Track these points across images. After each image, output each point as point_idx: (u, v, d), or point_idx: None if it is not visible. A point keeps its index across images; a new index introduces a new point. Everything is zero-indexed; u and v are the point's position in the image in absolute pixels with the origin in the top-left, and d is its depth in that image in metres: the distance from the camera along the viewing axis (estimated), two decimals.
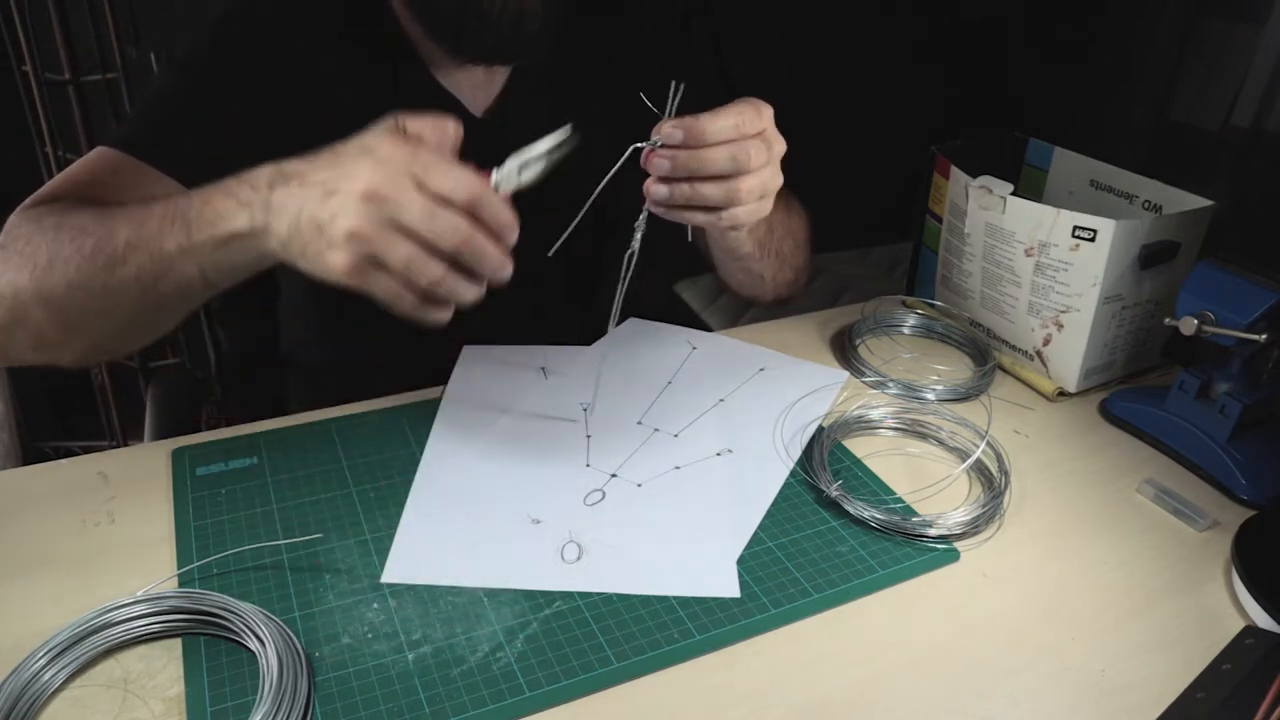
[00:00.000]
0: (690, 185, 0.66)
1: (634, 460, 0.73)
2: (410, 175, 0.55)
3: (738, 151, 0.65)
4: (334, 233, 0.55)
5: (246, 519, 0.65)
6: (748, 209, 0.68)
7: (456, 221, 0.56)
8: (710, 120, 0.65)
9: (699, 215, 0.67)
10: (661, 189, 0.66)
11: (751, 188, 0.66)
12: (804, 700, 0.54)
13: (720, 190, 0.66)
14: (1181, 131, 1.56)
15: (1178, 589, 0.64)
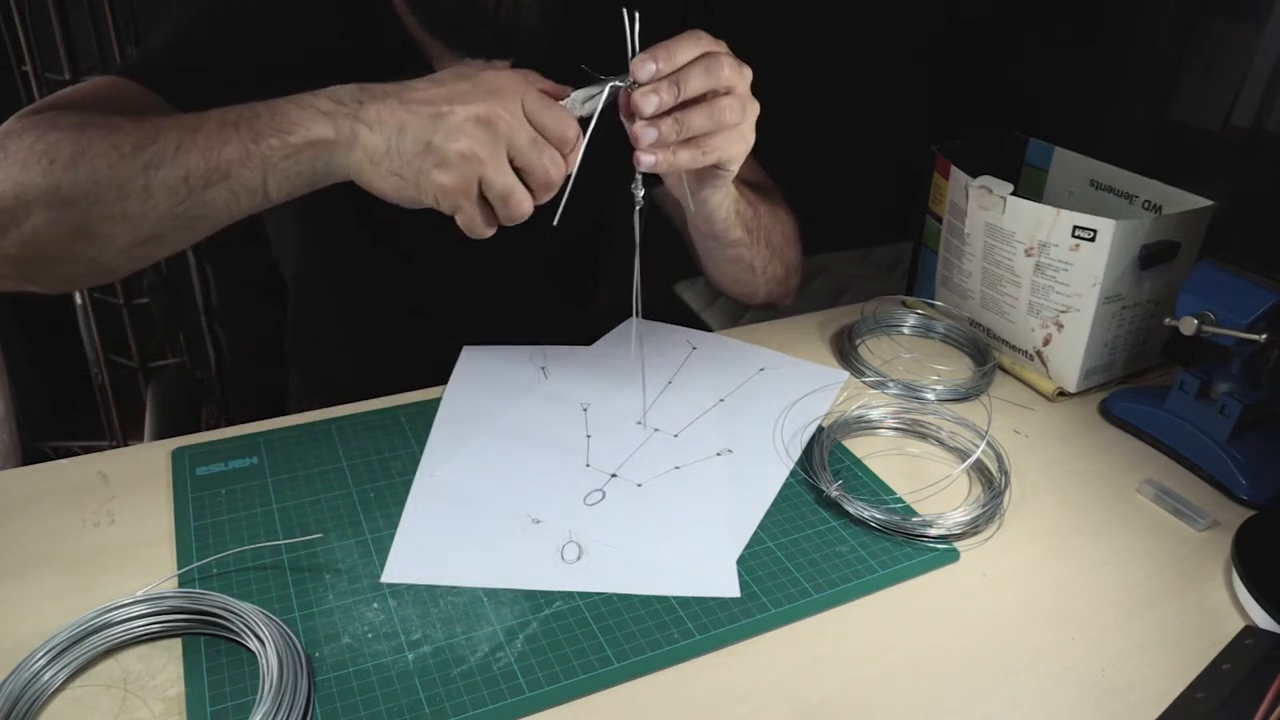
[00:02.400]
0: (674, 118, 0.64)
1: (634, 460, 0.73)
2: (521, 105, 0.57)
3: (710, 64, 0.64)
4: (447, 152, 0.56)
5: (246, 519, 0.65)
6: (729, 136, 0.66)
7: (555, 156, 0.58)
8: (675, 43, 0.63)
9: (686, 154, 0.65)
10: (650, 131, 0.63)
11: (731, 105, 0.65)
12: (804, 700, 0.54)
13: (703, 114, 0.64)
14: (1181, 131, 1.56)
15: (1178, 589, 0.64)
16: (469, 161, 0.56)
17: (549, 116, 0.58)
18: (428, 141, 0.57)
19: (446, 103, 0.57)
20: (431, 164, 0.57)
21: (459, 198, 0.58)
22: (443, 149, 0.56)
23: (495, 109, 0.56)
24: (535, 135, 0.58)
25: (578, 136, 0.59)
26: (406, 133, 0.57)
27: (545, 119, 0.58)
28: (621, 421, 0.77)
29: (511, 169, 0.58)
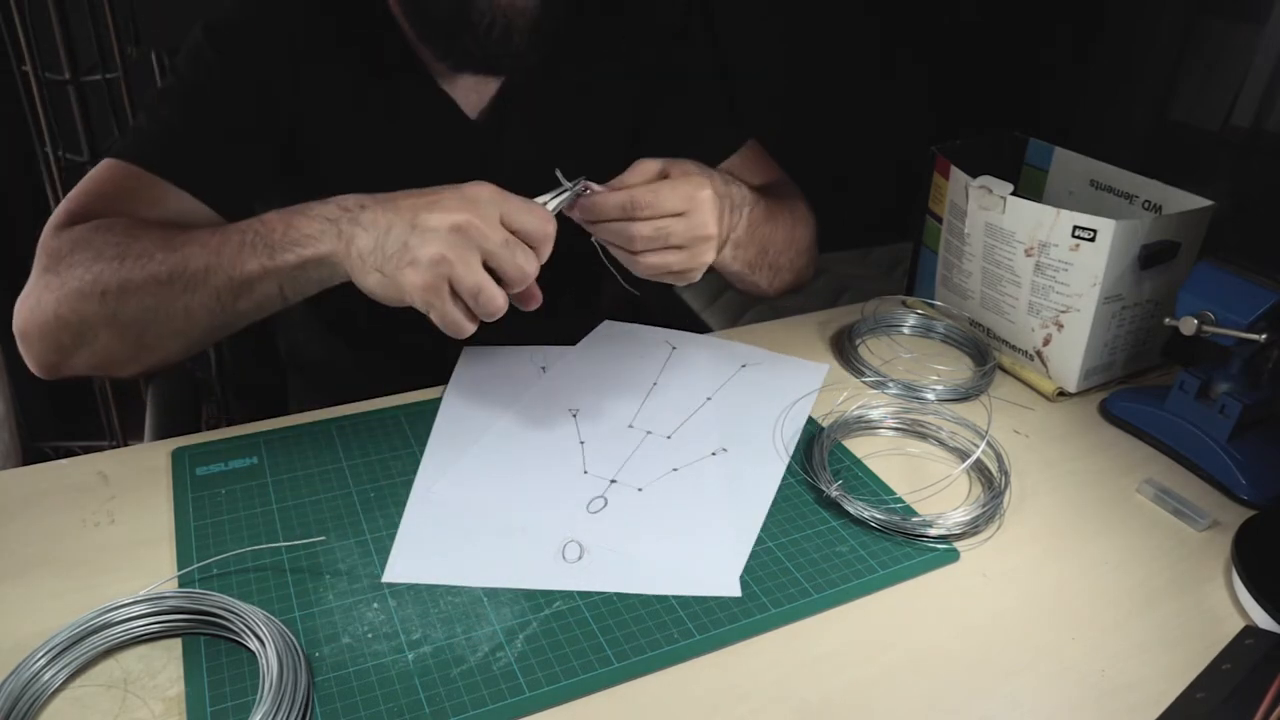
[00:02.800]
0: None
1: (631, 464, 0.72)
2: (499, 210, 0.61)
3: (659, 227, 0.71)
4: (419, 253, 0.60)
5: (246, 519, 0.65)
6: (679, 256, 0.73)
7: (528, 255, 0.62)
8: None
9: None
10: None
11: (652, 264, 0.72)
12: (804, 700, 0.54)
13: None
14: (1181, 131, 1.56)
15: (1178, 589, 0.64)
16: (438, 264, 0.60)
17: (528, 217, 0.62)
18: (405, 242, 0.61)
19: (427, 209, 0.61)
20: (406, 262, 0.61)
21: (431, 295, 0.61)
22: (415, 250, 0.60)
23: (469, 216, 0.60)
24: (508, 237, 0.61)
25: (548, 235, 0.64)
26: (390, 233, 0.61)
27: (524, 220, 0.62)
28: (613, 426, 0.77)
29: (484, 269, 0.61)
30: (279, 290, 0.66)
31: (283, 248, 0.64)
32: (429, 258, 0.60)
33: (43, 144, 1.44)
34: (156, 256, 0.66)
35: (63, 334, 0.68)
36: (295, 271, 0.64)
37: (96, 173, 0.75)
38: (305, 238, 0.64)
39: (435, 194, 0.62)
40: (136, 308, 0.66)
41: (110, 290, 0.66)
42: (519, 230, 0.62)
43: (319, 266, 0.64)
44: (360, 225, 0.63)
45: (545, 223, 0.63)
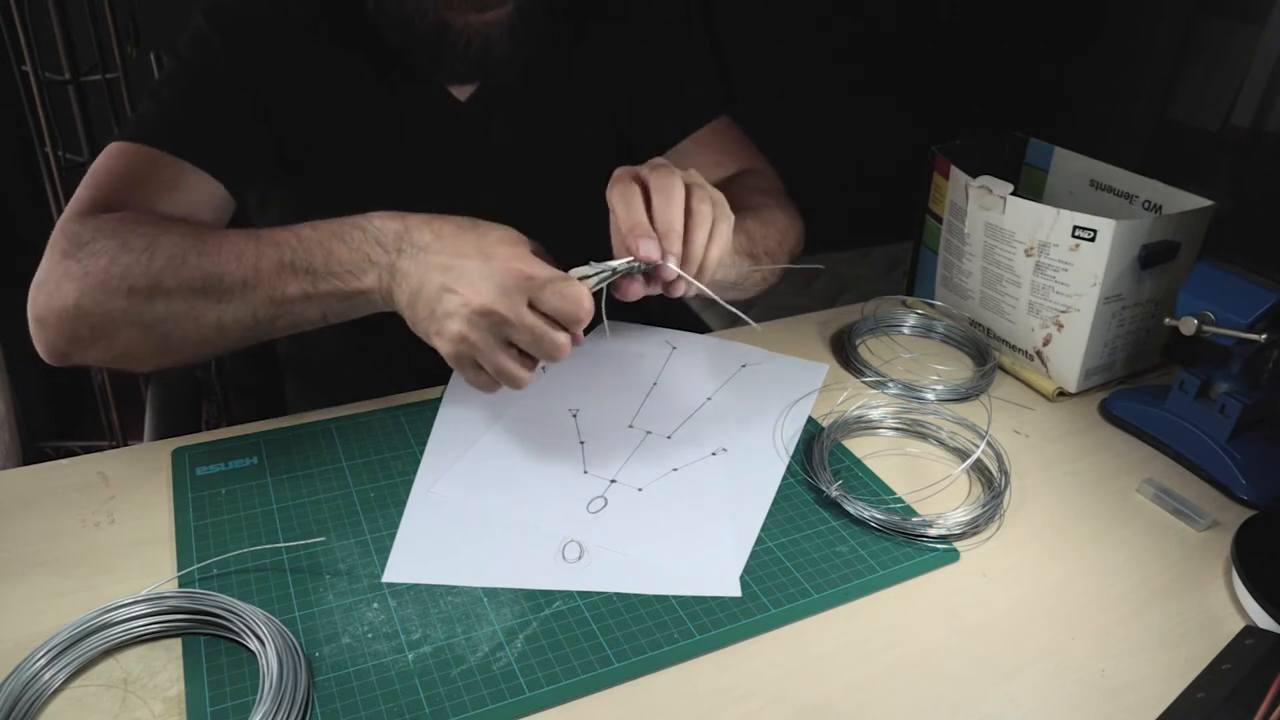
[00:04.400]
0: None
1: (631, 464, 0.72)
2: (526, 295, 0.60)
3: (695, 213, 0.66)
4: (446, 327, 0.61)
5: (246, 519, 0.65)
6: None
7: (557, 341, 0.61)
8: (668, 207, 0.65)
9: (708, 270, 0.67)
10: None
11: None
12: (804, 700, 0.54)
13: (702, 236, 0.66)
14: (1181, 131, 1.56)
15: (1178, 589, 0.64)
16: (461, 342, 0.61)
17: (559, 301, 0.60)
18: (432, 310, 0.62)
19: (455, 280, 0.61)
20: (434, 331, 0.62)
21: (456, 364, 0.63)
22: (442, 322, 0.61)
23: (496, 307, 0.59)
24: (534, 326, 0.60)
25: (586, 315, 0.61)
26: (420, 296, 0.62)
27: (555, 304, 0.60)
28: (613, 426, 0.77)
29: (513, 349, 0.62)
30: (321, 315, 0.66)
31: (325, 276, 0.64)
32: (453, 334, 0.61)
33: (43, 144, 1.44)
34: (190, 260, 0.64)
35: (81, 325, 0.65)
36: (340, 301, 0.65)
37: (108, 157, 0.74)
38: (347, 272, 0.64)
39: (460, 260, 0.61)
40: (165, 311, 0.64)
41: (139, 289, 0.64)
42: (550, 313, 0.61)
43: (365, 301, 0.65)
44: (395, 279, 0.64)
45: (578, 305, 0.60)
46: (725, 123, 0.96)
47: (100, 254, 0.65)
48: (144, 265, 0.64)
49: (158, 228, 0.67)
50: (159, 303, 0.64)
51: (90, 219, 0.68)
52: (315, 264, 0.64)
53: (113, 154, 0.74)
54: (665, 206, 0.64)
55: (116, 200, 0.71)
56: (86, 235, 0.66)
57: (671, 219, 0.64)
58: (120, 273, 0.64)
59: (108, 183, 0.72)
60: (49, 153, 1.44)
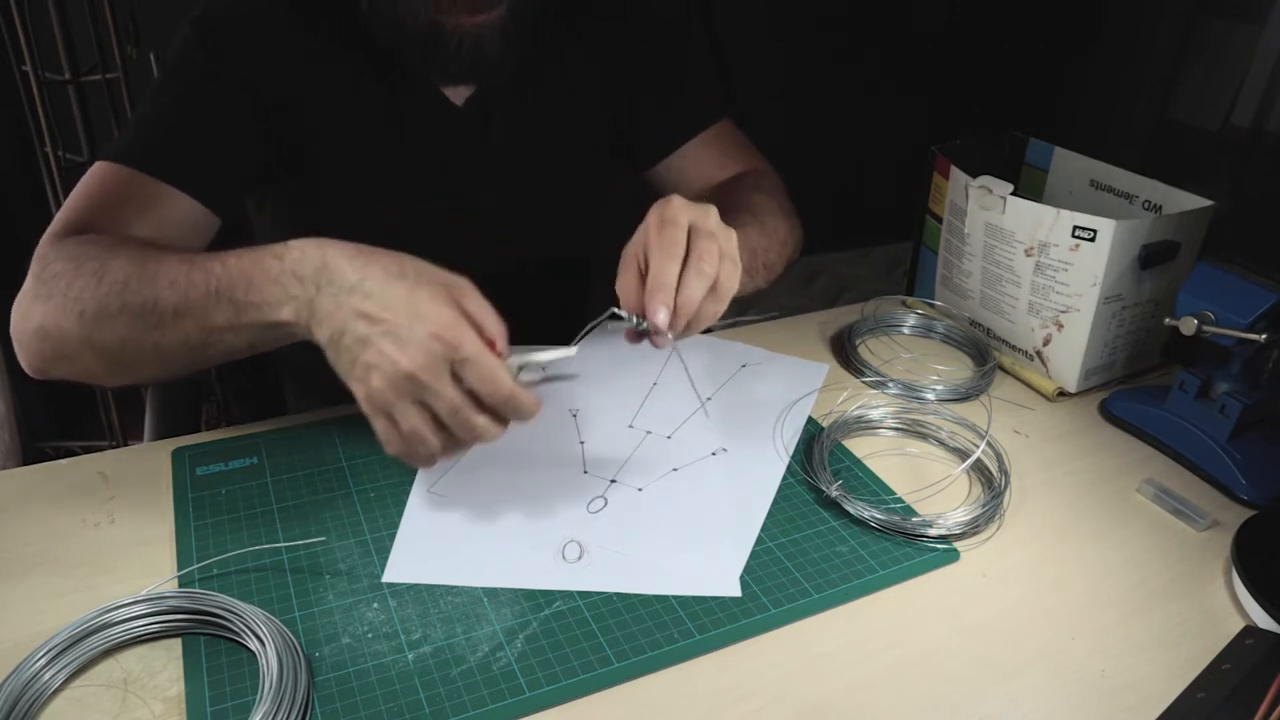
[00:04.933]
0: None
1: (631, 464, 0.72)
2: (449, 364, 0.57)
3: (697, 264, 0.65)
4: (369, 378, 0.57)
5: (246, 519, 0.65)
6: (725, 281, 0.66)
7: (473, 422, 0.58)
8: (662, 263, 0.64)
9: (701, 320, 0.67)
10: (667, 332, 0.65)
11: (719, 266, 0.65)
12: (804, 700, 0.54)
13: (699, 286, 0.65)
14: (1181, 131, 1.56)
15: (1178, 589, 0.64)
16: (379, 398, 0.57)
17: (480, 383, 0.57)
18: (354, 358, 0.58)
19: (379, 336, 0.57)
20: (352, 376, 0.59)
21: (371, 413, 0.58)
22: (365, 373, 0.58)
23: (419, 374, 0.56)
24: (453, 405, 0.57)
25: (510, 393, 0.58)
26: (342, 341, 0.59)
27: (476, 384, 0.57)
28: (613, 426, 0.77)
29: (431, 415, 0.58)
30: (248, 344, 0.64)
31: (247, 308, 0.62)
32: (373, 388, 0.57)
33: (43, 144, 1.44)
34: (131, 285, 0.64)
35: (45, 345, 0.67)
36: (263, 331, 0.63)
37: (89, 178, 0.75)
38: (266, 303, 0.61)
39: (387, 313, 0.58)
40: (111, 335, 0.65)
41: (87, 312, 0.65)
42: (472, 390, 0.57)
43: (287, 331, 0.62)
44: (313, 315, 0.60)
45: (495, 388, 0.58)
46: (727, 125, 0.96)
47: (59, 277, 0.66)
48: (92, 289, 0.65)
49: (110, 252, 0.67)
50: (105, 327, 0.64)
51: (60, 242, 0.69)
52: (237, 294, 0.62)
53: (93, 174, 0.75)
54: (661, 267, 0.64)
55: (91, 222, 0.72)
56: (51, 257, 0.68)
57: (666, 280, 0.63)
58: (75, 296, 0.65)
59: (84, 204, 0.73)
60: (49, 153, 1.44)
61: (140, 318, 0.64)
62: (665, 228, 0.65)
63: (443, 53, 0.75)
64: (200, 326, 0.63)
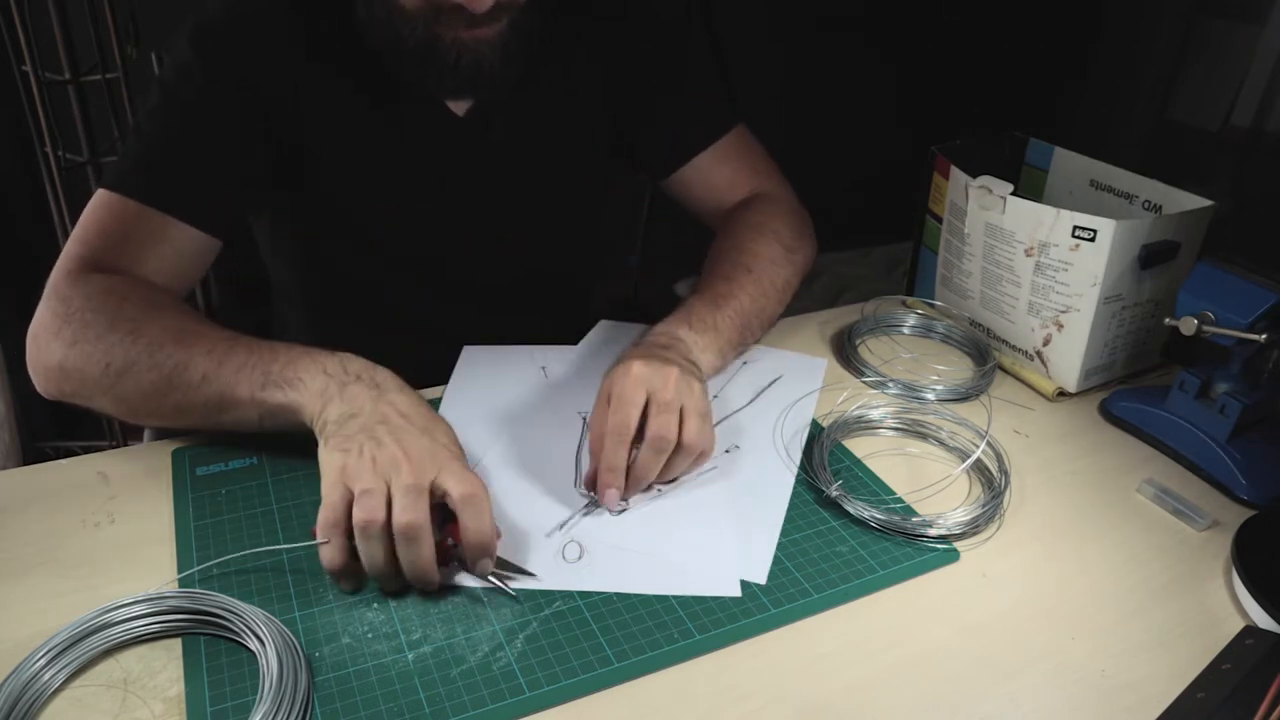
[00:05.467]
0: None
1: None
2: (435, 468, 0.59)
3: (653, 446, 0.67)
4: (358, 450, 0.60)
5: (246, 519, 0.65)
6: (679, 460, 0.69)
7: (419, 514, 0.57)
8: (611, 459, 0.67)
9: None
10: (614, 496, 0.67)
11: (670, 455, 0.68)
12: (804, 700, 0.54)
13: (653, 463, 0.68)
14: (1181, 131, 1.56)
15: (1178, 589, 0.64)
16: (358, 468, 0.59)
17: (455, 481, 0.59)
18: (353, 434, 0.61)
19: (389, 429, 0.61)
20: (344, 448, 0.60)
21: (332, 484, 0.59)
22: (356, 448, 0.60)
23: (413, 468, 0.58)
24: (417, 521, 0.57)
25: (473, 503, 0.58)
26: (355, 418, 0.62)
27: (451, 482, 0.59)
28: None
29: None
30: (257, 419, 0.67)
31: (275, 382, 0.65)
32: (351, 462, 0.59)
33: (43, 144, 1.44)
34: (166, 348, 0.67)
35: (65, 383, 0.71)
36: (275, 409, 0.65)
37: (97, 208, 0.76)
38: (298, 380, 0.65)
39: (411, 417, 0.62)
40: (134, 390, 0.68)
41: (114, 366, 0.67)
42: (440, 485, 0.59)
43: (295, 414, 0.65)
44: (342, 396, 0.64)
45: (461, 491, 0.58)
46: (740, 135, 0.95)
47: (89, 326, 0.69)
48: (125, 345, 0.67)
49: (145, 314, 0.70)
50: (129, 382, 0.67)
51: (81, 282, 0.72)
52: (272, 369, 0.65)
53: (100, 204, 0.76)
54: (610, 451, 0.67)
55: (105, 259, 0.74)
56: (77, 302, 0.70)
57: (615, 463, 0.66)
58: (104, 350, 0.68)
59: (96, 239, 0.75)
60: (49, 153, 1.44)
61: (168, 379, 0.67)
62: (619, 408, 0.67)
63: (439, 67, 0.74)
64: (220, 394, 0.66)
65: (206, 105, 0.77)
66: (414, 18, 0.72)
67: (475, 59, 0.74)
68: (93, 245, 0.75)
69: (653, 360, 0.70)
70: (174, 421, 0.71)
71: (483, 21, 0.72)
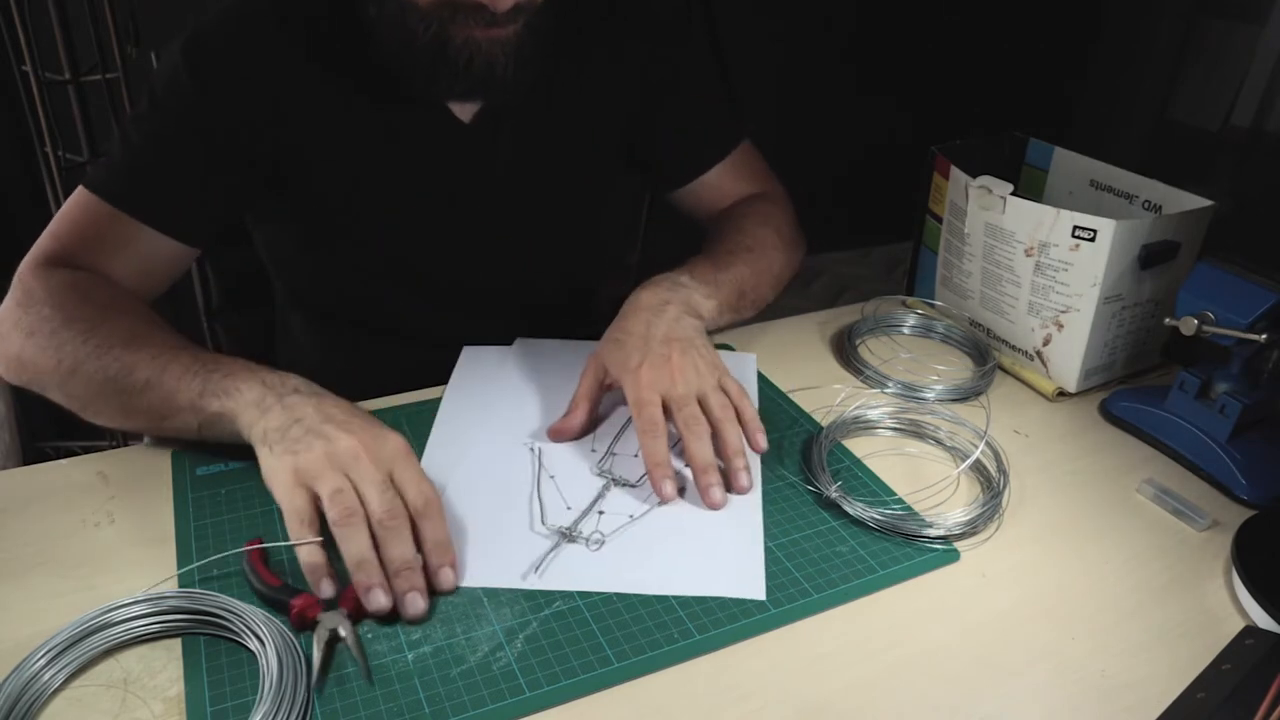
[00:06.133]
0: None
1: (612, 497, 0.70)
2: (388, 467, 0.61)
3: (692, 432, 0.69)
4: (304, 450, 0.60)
5: (246, 519, 0.65)
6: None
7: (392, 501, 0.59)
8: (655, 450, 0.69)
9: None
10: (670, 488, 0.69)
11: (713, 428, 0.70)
12: (804, 700, 0.54)
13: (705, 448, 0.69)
14: (1181, 131, 1.56)
15: (1178, 589, 0.64)
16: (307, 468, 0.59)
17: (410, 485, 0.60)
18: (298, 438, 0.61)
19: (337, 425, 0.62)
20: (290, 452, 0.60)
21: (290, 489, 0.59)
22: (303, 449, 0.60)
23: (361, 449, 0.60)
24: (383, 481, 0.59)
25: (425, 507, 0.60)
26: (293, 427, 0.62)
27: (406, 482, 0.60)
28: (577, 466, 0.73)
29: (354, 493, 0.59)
30: (197, 427, 0.67)
31: (212, 390, 0.65)
32: (307, 458, 0.60)
33: (43, 144, 1.44)
34: (114, 351, 0.67)
35: (22, 373, 0.72)
36: (211, 418, 0.65)
37: (74, 206, 0.77)
38: (235, 390, 0.64)
39: (356, 418, 0.63)
40: (83, 389, 0.68)
41: (65, 363, 0.68)
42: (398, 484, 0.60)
43: (231, 423, 0.64)
44: (281, 405, 0.63)
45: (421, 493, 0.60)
46: (745, 149, 0.98)
47: (47, 320, 0.70)
48: (76, 344, 0.68)
49: (101, 313, 0.70)
50: (78, 381, 0.68)
51: (45, 275, 0.73)
52: (212, 379, 0.65)
53: (77, 203, 0.77)
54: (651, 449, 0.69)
55: (74, 255, 0.75)
56: (39, 294, 0.71)
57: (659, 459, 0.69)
58: (56, 345, 0.69)
59: (67, 235, 0.76)
60: (49, 153, 1.44)
61: (113, 380, 0.67)
62: (640, 411, 0.70)
63: (448, 68, 0.72)
64: (162, 399, 0.66)
65: (193, 117, 0.76)
66: (429, 14, 0.70)
67: (488, 61, 0.73)
68: (64, 241, 0.75)
69: (650, 353, 0.72)
70: (122, 424, 0.70)
71: (500, 21, 0.70)
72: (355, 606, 0.56)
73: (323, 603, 0.56)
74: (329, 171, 0.82)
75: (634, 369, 0.72)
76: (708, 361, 0.73)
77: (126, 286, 0.76)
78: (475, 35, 0.71)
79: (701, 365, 0.72)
